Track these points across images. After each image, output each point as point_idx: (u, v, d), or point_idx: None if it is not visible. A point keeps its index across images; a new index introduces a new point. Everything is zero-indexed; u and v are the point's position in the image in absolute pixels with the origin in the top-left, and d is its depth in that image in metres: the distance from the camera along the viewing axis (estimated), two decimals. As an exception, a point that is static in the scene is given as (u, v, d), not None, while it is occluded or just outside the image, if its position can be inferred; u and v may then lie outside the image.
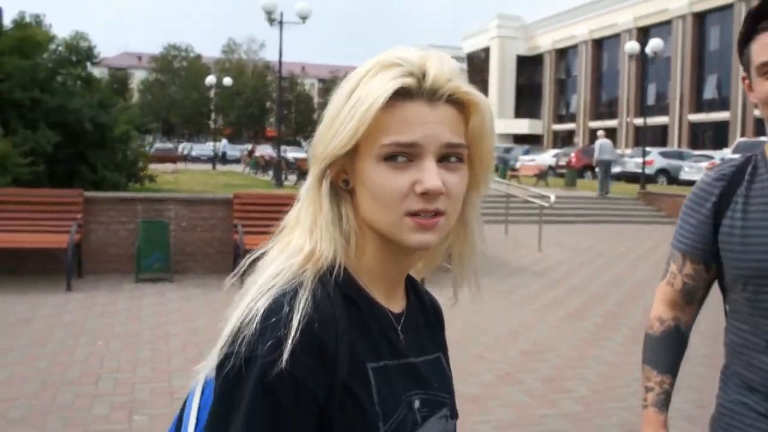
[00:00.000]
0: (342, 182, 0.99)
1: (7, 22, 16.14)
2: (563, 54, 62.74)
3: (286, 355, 0.86)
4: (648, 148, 27.06)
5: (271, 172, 27.16)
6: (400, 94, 0.92)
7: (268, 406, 0.87)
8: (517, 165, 31.36)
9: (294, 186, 20.28)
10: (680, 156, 30.34)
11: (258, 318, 0.90)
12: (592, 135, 42.17)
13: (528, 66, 65.35)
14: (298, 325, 0.88)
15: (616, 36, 54.24)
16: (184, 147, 49.21)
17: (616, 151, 23.68)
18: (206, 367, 0.99)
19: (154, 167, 21.43)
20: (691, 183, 20.76)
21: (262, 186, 21.56)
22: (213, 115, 79.45)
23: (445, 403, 1.08)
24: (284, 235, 1.01)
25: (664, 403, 1.79)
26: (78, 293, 8.25)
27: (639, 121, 44.40)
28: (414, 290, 1.14)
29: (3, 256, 8.87)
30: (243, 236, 8.99)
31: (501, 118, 64.17)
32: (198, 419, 1.05)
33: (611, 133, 39.61)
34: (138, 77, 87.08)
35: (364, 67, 0.97)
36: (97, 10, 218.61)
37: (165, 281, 9.15)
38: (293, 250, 0.98)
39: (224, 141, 53.13)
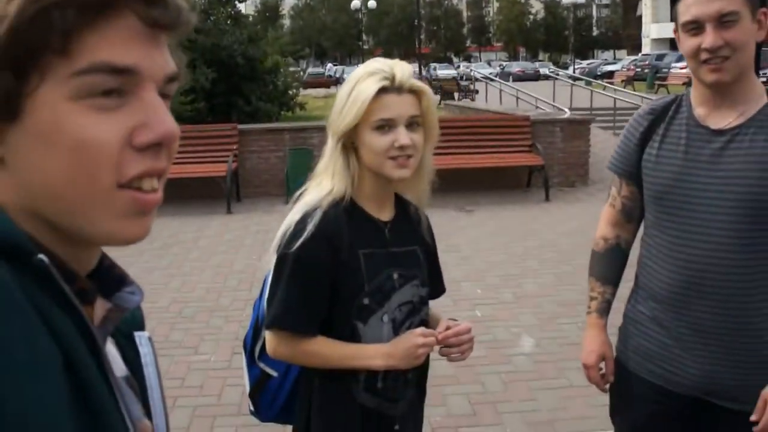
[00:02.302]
0: (350, 143, 1.65)
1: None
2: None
3: (299, 243, 1.60)
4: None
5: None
6: (381, 90, 1.59)
7: (297, 272, 1.61)
8: (668, 73, 27.67)
9: (439, 107, 20.66)
10: None
11: (292, 226, 1.64)
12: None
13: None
14: (313, 228, 1.60)
15: None
16: (329, 70, 50.10)
17: None
18: (270, 259, 1.70)
19: (307, 93, 22.59)
20: None
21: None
22: (363, 37, 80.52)
23: (417, 276, 1.75)
24: (316, 177, 1.70)
25: (605, 310, 2.01)
26: (237, 215, 9.41)
27: None
28: (402, 206, 1.79)
29: (171, 186, 9.81)
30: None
31: (656, 22, 59.97)
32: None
33: None
34: (289, 3, 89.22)
35: (355, 75, 1.63)
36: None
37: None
38: (321, 188, 1.67)
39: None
